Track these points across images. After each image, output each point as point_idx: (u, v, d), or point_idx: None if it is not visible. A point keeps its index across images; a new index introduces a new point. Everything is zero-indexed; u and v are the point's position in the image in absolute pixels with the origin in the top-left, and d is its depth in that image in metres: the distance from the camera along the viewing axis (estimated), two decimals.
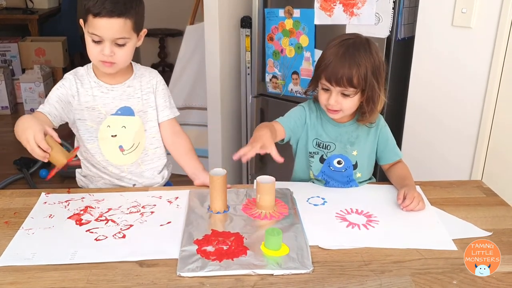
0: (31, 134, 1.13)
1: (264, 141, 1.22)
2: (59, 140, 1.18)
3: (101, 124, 1.44)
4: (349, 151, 1.43)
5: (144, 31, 1.42)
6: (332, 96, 1.33)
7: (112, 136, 1.45)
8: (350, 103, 1.35)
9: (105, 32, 1.32)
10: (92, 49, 1.36)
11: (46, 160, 1.16)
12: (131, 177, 1.50)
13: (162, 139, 1.53)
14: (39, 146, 1.13)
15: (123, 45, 1.35)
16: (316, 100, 1.45)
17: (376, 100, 1.35)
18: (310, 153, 1.45)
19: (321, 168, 1.45)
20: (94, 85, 1.43)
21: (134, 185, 1.51)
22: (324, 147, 1.43)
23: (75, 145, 1.52)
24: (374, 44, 1.37)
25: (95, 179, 1.52)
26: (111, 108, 1.44)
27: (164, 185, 1.57)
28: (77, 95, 1.42)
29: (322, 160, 1.44)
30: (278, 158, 1.20)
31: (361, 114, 1.40)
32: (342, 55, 1.30)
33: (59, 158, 1.18)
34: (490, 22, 1.72)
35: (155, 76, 1.51)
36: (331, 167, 1.43)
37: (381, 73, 1.35)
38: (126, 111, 1.45)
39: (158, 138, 1.52)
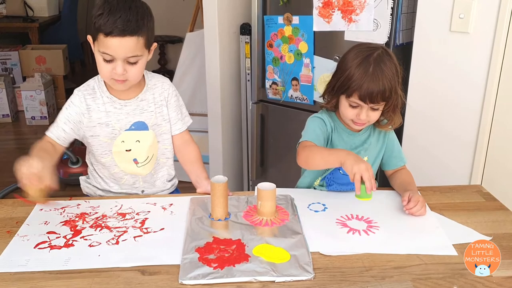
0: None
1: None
2: (52, 187, 1.25)
3: (115, 139, 1.42)
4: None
5: (154, 45, 1.38)
6: (363, 112, 1.34)
7: (126, 150, 1.44)
8: (377, 114, 1.37)
9: (117, 52, 1.28)
10: (103, 68, 1.32)
11: (24, 183, 1.25)
12: (144, 186, 1.51)
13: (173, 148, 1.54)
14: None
15: (135, 63, 1.32)
16: (328, 110, 1.45)
17: (400, 104, 1.39)
18: None
19: (330, 171, 1.44)
20: (107, 100, 1.41)
21: (143, 191, 1.51)
22: None
23: (86, 157, 1.52)
24: (389, 50, 1.37)
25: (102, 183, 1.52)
26: (125, 123, 1.42)
27: (172, 192, 1.58)
28: (87, 112, 1.39)
29: None
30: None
31: (383, 121, 1.42)
32: (373, 73, 1.30)
33: (36, 195, 1.26)
34: (487, 27, 1.73)
35: (167, 88, 1.49)
36: (340, 171, 1.43)
37: (400, 77, 1.37)
38: (140, 126, 1.44)
39: (171, 150, 1.53)
